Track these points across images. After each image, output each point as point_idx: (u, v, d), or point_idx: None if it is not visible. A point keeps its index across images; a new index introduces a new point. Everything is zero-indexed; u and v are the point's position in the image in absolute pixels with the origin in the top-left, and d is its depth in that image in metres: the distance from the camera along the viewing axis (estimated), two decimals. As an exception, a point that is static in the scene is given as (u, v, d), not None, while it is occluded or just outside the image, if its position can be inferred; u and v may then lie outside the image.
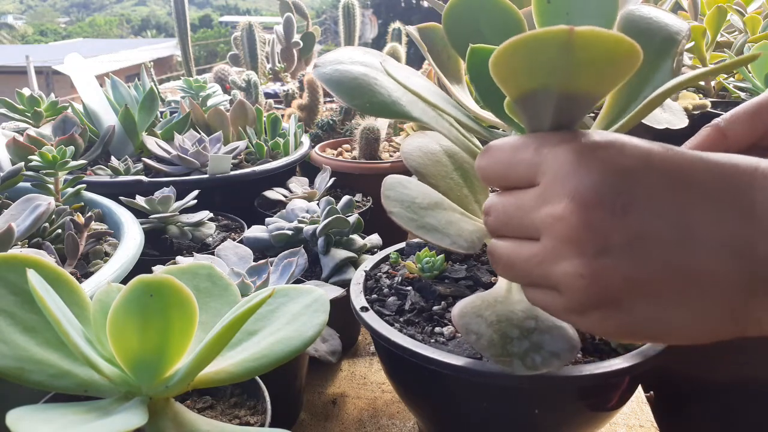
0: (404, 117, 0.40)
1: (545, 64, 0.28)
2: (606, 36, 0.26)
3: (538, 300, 0.33)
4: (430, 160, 0.50)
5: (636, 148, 0.29)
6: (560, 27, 0.26)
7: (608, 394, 0.43)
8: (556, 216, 0.29)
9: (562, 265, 0.29)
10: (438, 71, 0.48)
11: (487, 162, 0.34)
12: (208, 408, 0.41)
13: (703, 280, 0.27)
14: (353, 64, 0.40)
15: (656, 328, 0.29)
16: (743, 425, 0.73)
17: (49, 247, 0.54)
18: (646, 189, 0.28)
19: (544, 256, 0.30)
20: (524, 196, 0.31)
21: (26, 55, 8.87)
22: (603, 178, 0.28)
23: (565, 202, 0.28)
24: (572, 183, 0.28)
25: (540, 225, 0.30)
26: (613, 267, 0.28)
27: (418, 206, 0.41)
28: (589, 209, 0.28)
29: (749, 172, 0.28)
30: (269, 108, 1.27)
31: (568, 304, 0.30)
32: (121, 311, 0.31)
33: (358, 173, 0.93)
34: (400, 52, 1.54)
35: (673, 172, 0.28)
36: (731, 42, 1.11)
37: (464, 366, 0.39)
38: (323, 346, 0.57)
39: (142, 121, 0.94)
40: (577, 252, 0.28)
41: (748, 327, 0.28)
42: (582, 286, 0.29)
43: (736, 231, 0.27)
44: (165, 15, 41.11)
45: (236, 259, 0.59)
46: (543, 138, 0.31)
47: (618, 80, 0.30)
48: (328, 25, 12.26)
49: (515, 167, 0.32)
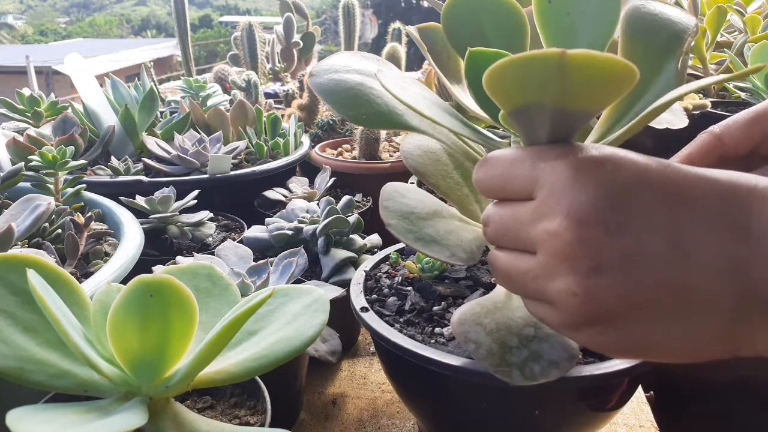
0: (402, 127, 0.39)
1: (538, 83, 0.28)
2: (599, 59, 0.25)
3: (535, 312, 0.33)
4: (429, 159, 0.50)
5: (633, 164, 0.29)
6: (552, 50, 0.25)
7: (608, 395, 0.43)
8: (551, 232, 0.29)
9: (556, 282, 0.29)
10: (438, 71, 0.48)
11: (485, 174, 0.34)
12: (208, 408, 0.41)
13: (697, 300, 0.27)
14: (348, 73, 0.39)
15: (649, 346, 0.29)
16: (743, 425, 0.73)
17: (49, 247, 0.54)
18: (641, 206, 0.28)
19: (539, 271, 0.30)
20: (521, 210, 0.31)
21: (26, 55, 8.87)
22: (598, 195, 0.28)
23: (560, 218, 0.28)
24: (568, 199, 0.28)
25: (536, 240, 0.30)
26: (607, 285, 0.28)
27: (416, 217, 0.40)
28: (583, 226, 0.28)
29: (746, 192, 0.28)
30: (269, 108, 1.27)
31: (562, 320, 0.30)
32: (121, 311, 0.31)
33: (358, 173, 0.93)
34: (400, 52, 1.54)
35: (670, 189, 0.28)
36: (731, 42, 1.11)
37: (464, 367, 0.39)
38: (323, 346, 0.57)
39: (142, 121, 0.94)
40: (571, 269, 0.28)
41: (742, 347, 0.28)
42: (575, 304, 0.29)
43: (731, 251, 0.27)
44: (165, 15, 41.11)
45: (236, 259, 0.59)
46: (540, 152, 0.31)
47: (613, 98, 0.29)
48: (328, 25, 12.27)
49: (512, 181, 0.32)
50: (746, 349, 0.28)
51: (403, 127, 0.39)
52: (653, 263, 0.27)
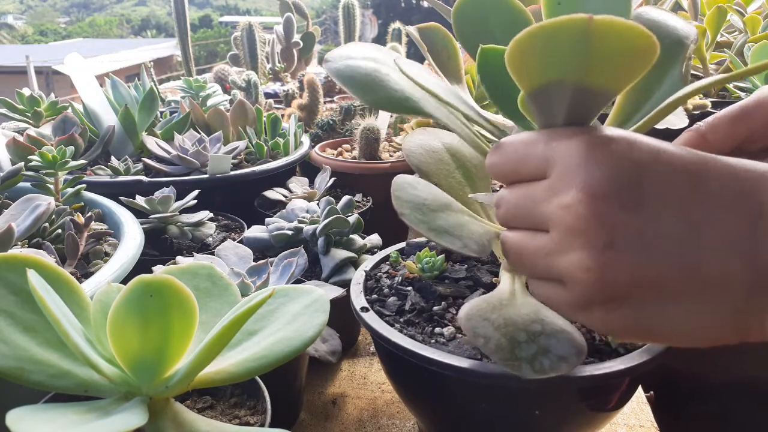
0: (417, 113, 0.40)
1: (561, 55, 0.28)
2: (625, 26, 0.26)
3: (543, 293, 0.33)
4: (432, 158, 0.50)
5: (647, 144, 0.29)
6: (579, 15, 0.26)
7: (608, 395, 0.43)
8: (565, 206, 0.29)
9: (570, 257, 0.29)
10: (438, 71, 0.48)
11: (499, 158, 0.34)
12: (208, 408, 0.41)
13: (709, 281, 0.27)
14: (364, 60, 0.40)
15: (659, 327, 0.29)
16: (743, 425, 0.73)
17: (49, 247, 0.54)
18: (657, 184, 0.28)
19: (552, 247, 0.30)
20: (535, 188, 0.31)
21: (26, 55, 8.86)
22: (614, 170, 0.28)
23: (573, 191, 0.28)
24: (582, 174, 0.28)
25: (549, 216, 0.30)
26: (620, 262, 0.28)
27: (428, 208, 0.41)
28: (598, 200, 0.28)
29: (758, 176, 0.28)
30: (269, 108, 1.27)
31: (573, 298, 0.30)
32: (121, 311, 0.31)
33: (358, 173, 0.92)
34: (400, 52, 1.54)
35: (684, 170, 0.28)
36: (731, 42, 1.11)
37: (464, 367, 0.39)
38: (323, 346, 0.57)
39: (142, 121, 0.94)
40: (585, 244, 0.28)
41: (751, 331, 0.28)
42: (588, 280, 0.28)
43: (743, 232, 0.27)
44: (165, 15, 41.11)
45: (236, 259, 0.59)
46: (554, 132, 0.31)
47: (634, 75, 0.29)
48: (328, 25, 12.27)
49: (526, 162, 0.32)
50: (755, 334, 0.28)
51: (419, 113, 0.40)
52: (668, 242, 0.27)
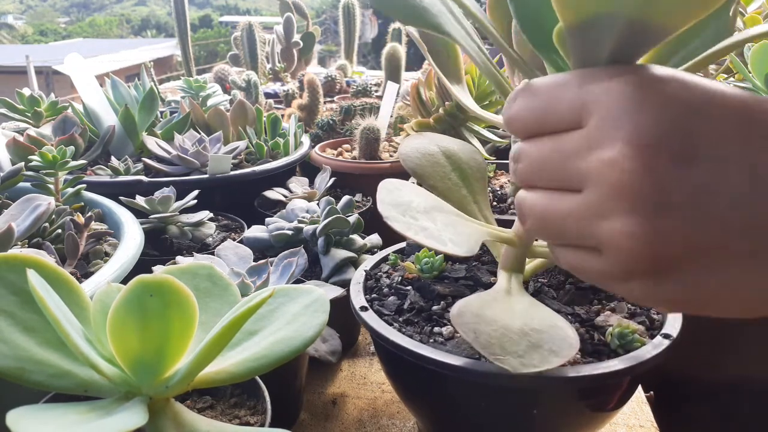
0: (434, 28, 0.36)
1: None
2: None
3: (571, 262, 0.29)
4: (428, 161, 0.50)
5: (699, 85, 0.25)
6: None
7: (608, 395, 0.43)
8: (608, 161, 0.24)
9: (610, 222, 0.25)
10: (438, 71, 0.48)
11: (522, 104, 0.29)
12: (208, 408, 0.41)
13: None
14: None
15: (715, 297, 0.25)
16: (743, 425, 0.73)
17: (49, 247, 0.54)
18: (713, 132, 0.24)
19: (586, 210, 0.26)
20: (566, 140, 0.27)
21: (26, 55, 8.86)
22: (666, 117, 0.24)
23: (619, 145, 0.24)
24: (629, 123, 0.24)
25: (585, 173, 0.26)
26: (674, 226, 0.24)
27: (414, 210, 0.40)
28: (650, 154, 0.23)
29: None
30: (269, 108, 1.28)
31: (611, 268, 0.26)
32: (121, 311, 0.31)
33: (358, 173, 0.93)
34: (400, 52, 1.54)
35: (745, 114, 0.24)
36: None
37: (463, 366, 0.39)
38: (323, 346, 0.57)
39: (142, 121, 0.94)
40: (631, 207, 0.24)
41: None
42: (632, 249, 0.24)
43: None
44: (165, 15, 41.09)
45: (236, 259, 0.59)
46: (589, 73, 0.27)
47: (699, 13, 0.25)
48: (328, 25, 12.26)
49: (555, 108, 0.27)
50: None
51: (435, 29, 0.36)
52: (729, 201, 0.23)
